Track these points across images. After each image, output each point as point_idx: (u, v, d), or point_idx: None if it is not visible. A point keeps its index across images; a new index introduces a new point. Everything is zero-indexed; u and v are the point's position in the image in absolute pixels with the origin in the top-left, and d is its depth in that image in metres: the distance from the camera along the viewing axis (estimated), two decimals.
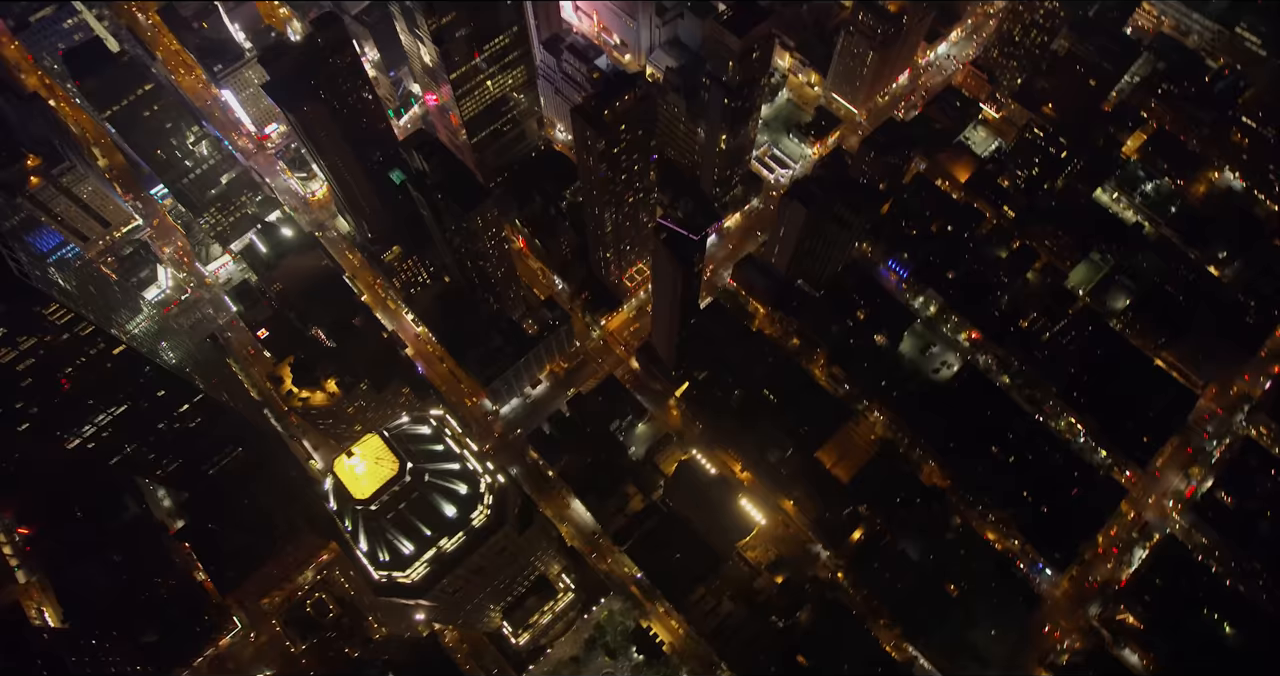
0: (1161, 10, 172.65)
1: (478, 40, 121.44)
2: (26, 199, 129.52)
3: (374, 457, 70.60)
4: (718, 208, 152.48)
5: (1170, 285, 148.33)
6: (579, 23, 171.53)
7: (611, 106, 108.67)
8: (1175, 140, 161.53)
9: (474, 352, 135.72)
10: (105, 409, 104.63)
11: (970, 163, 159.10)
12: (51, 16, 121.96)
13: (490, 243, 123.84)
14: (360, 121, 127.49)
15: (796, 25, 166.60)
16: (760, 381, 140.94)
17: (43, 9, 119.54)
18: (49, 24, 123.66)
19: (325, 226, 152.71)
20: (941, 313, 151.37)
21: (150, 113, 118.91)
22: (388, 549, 75.65)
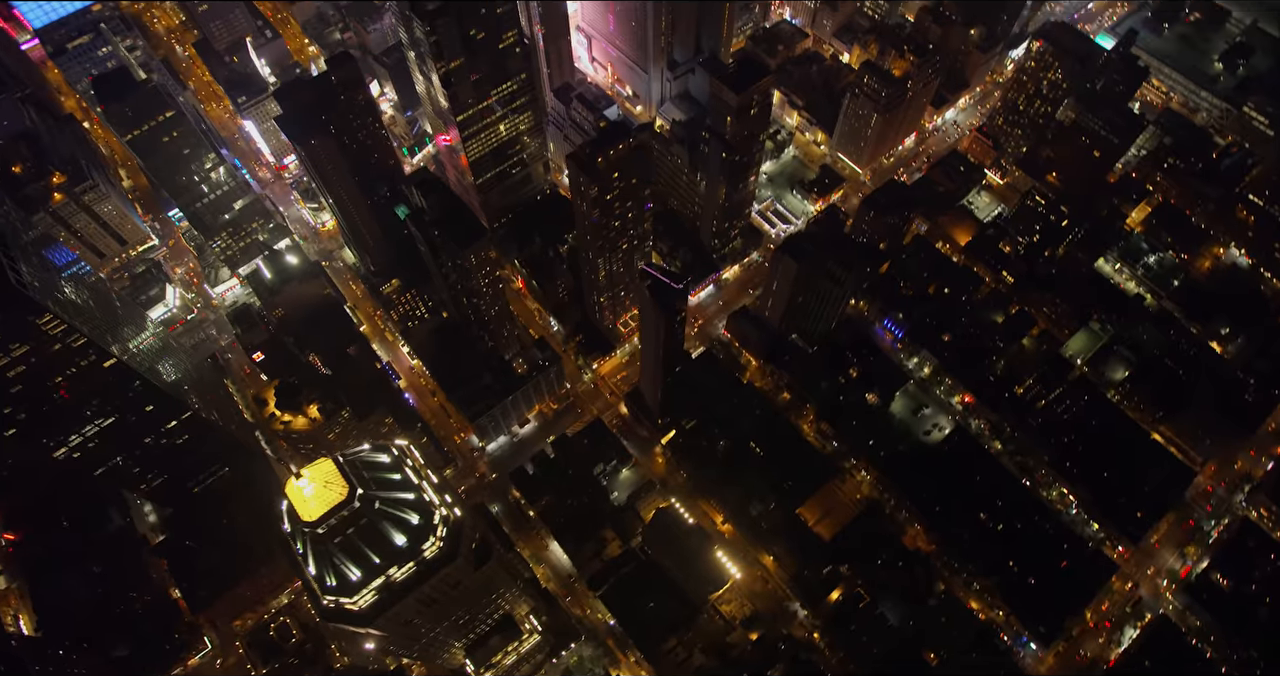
0: (1170, 87, 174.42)
1: (485, 85, 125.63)
2: (48, 213, 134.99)
3: (323, 480, 71.65)
4: (716, 259, 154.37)
5: (1170, 359, 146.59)
6: (595, 73, 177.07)
7: (605, 154, 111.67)
8: (1180, 214, 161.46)
9: (463, 388, 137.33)
10: (93, 420, 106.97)
11: (971, 226, 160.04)
12: (88, 44, 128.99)
13: (484, 281, 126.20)
14: (369, 157, 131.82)
15: (806, 85, 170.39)
16: (747, 433, 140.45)
17: (80, 37, 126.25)
18: (85, 51, 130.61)
19: (332, 256, 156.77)
20: (935, 374, 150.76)
21: (169, 138, 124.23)
22: (335, 574, 76.07)
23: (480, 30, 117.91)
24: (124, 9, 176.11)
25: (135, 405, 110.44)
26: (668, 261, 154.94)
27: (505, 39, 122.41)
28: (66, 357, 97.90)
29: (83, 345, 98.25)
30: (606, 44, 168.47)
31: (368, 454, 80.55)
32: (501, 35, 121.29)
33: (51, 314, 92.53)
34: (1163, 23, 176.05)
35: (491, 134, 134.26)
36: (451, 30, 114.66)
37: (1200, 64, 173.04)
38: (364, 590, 77.92)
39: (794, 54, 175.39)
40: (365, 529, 75.41)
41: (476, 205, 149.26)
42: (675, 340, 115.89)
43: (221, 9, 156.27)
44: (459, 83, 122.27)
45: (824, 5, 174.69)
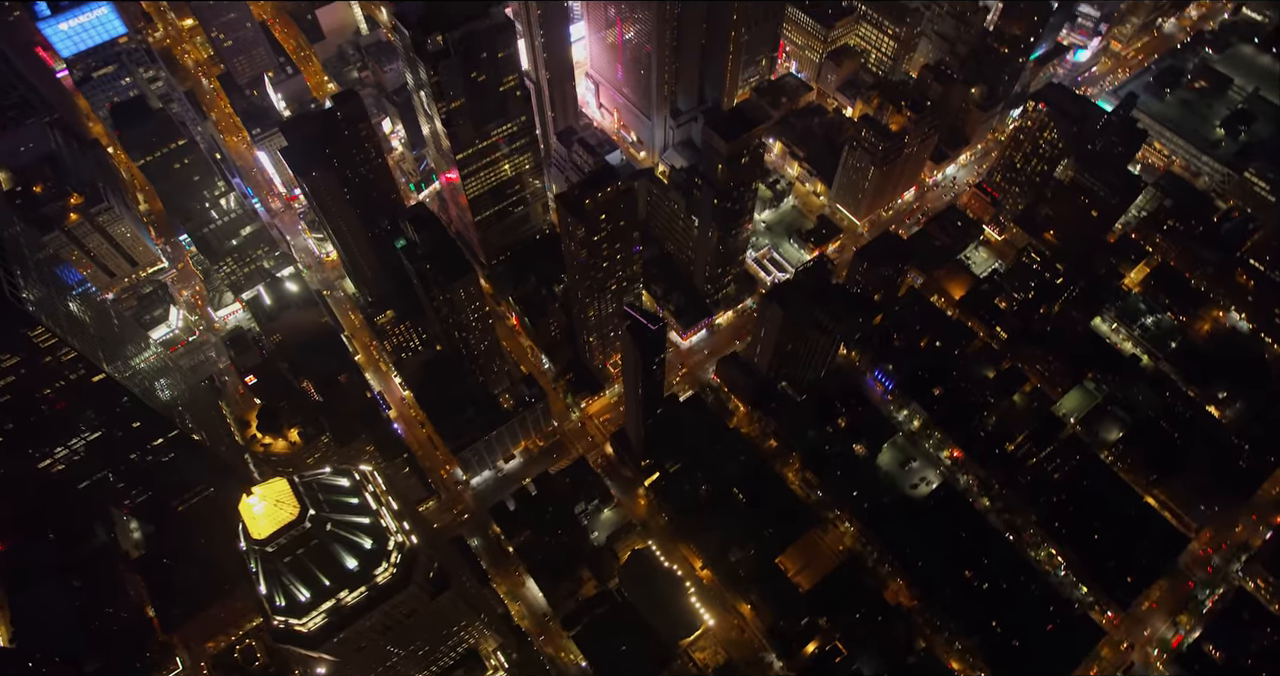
0: (1172, 150, 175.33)
1: (485, 126, 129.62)
2: (63, 232, 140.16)
3: (274, 499, 72.80)
4: (709, 304, 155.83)
5: (1165, 421, 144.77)
6: (602, 119, 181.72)
7: (593, 196, 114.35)
8: (1179, 276, 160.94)
9: (449, 421, 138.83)
10: (80, 433, 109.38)
11: (967, 281, 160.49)
12: (112, 74, 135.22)
13: (473, 315, 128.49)
14: (371, 191, 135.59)
15: (808, 137, 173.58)
16: (731, 479, 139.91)
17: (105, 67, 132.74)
18: (109, 80, 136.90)
19: (334, 286, 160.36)
20: (925, 428, 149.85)
21: (180, 165, 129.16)
22: (284, 594, 76.63)
23: (481, 73, 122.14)
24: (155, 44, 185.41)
25: (123, 421, 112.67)
26: (661, 304, 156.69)
27: (506, 82, 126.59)
28: (56, 371, 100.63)
29: (73, 359, 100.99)
30: (614, 91, 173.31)
31: (326, 477, 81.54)
32: (502, 78, 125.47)
33: (44, 327, 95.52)
34: (1165, 88, 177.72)
35: (490, 173, 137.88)
36: (453, 72, 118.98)
37: (1202, 129, 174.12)
38: (313, 612, 78.23)
39: (797, 106, 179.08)
40: (316, 550, 76.07)
41: (476, 242, 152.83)
42: (654, 381, 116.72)
43: (245, 45, 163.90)
44: (459, 123, 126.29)
45: (828, 60, 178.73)
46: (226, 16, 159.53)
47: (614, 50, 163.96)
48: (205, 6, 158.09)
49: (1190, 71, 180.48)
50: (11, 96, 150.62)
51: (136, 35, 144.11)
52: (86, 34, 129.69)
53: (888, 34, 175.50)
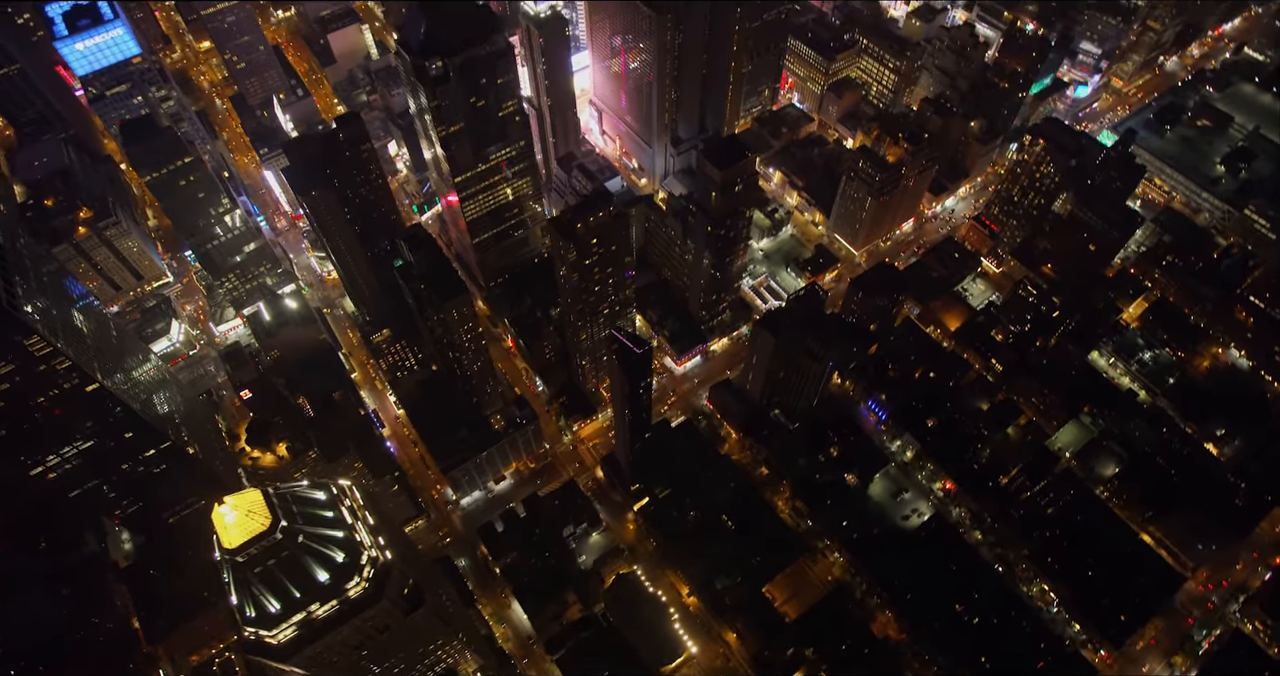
0: (1173, 187, 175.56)
1: (484, 150, 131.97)
2: (71, 245, 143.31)
3: (246, 509, 73.63)
4: (704, 330, 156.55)
5: (1162, 457, 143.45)
6: (604, 145, 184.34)
7: (585, 220, 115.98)
8: (1178, 312, 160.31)
9: (440, 440, 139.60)
10: (72, 441, 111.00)
11: (963, 312, 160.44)
12: (125, 92, 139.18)
13: (466, 336, 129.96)
14: (372, 211, 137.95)
15: (808, 167, 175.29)
16: (720, 506, 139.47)
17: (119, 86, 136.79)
18: (122, 98, 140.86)
19: (334, 304, 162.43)
20: (918, 459, 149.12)
21: (186, 182, 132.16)
22: (254, 604, 77.10)
23: (481, 98, 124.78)
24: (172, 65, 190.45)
25: (115, 431, 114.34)
26: (656, 330, 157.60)
27: (505, 107, 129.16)
28: (49, 379, 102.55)
29: (67, 368, 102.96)
30: (616, 118, 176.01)
31: (303, 489, 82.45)
32: (502, 103, 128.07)
33: (39, 336, 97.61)
34: (1165, 125, 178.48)
35: (489, 196, 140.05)
36: (452, 97, 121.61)
37: (1202, 166, 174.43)
38: (283, 624, 78.62)
39: (798, 136, 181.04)
40: (286, 561, 76.67)
41: (474, 264, 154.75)
42: (640, 404, 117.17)
43: (258, 67, 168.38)
44: (458, 146, 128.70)
45: (830, 92, 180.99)
46: (241, 39, 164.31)
47: (617, 79, 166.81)
48: (221, 30, 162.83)
49: (1191, 109, 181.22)
50: (29, 112, 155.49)
51: (151, 56, 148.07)
52: (101, 54, 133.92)
53: (888, 67, 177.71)
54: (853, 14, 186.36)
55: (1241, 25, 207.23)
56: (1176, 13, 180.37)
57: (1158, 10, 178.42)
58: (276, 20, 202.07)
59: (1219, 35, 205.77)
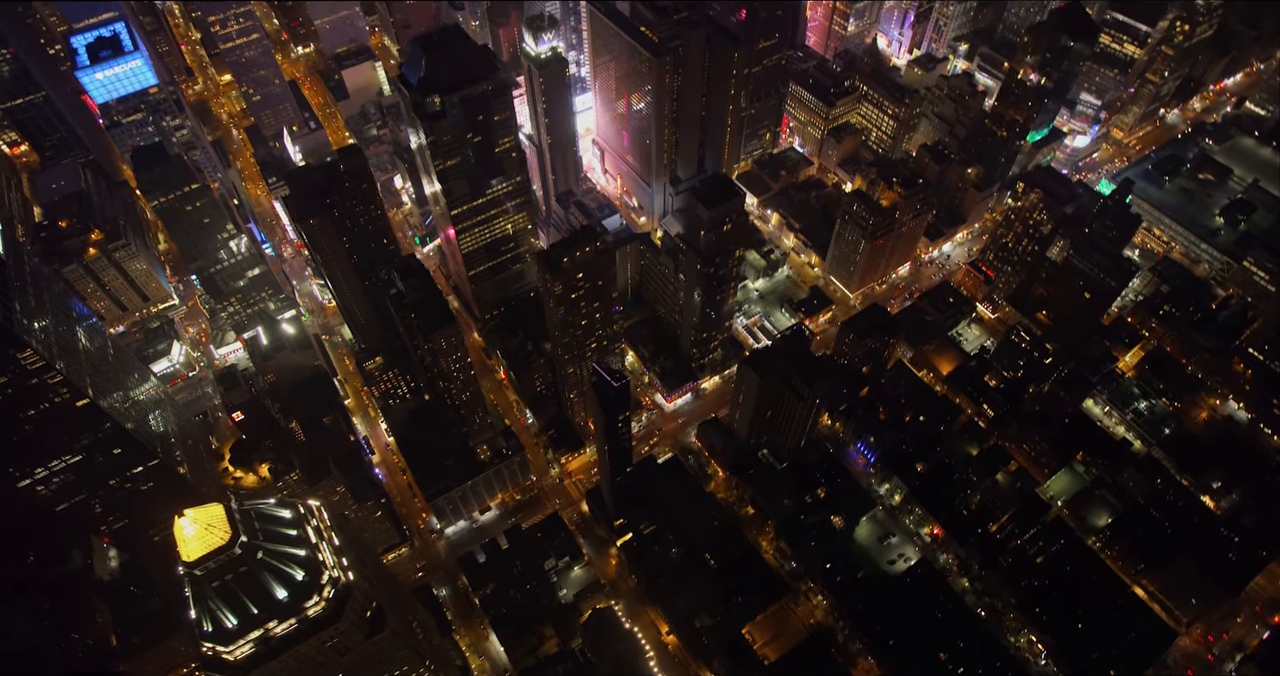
0: (1172, 237, 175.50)
1: (480, 184, 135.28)
2: (81, 266, 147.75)
3: (206, 523, 74.78)
4: (695, 368, 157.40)
5: (1156, 509, 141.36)
6: (605, 184, 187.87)
7: (571, 254, 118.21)
8: (1175, 362, 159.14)
9: (426, 469, 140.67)
10: (60, 455, 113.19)
11: (956, 357, 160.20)
12: (140, 120, 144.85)
13: (455, 365, 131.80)
14: (370, 241, 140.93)
15: (806, 210, 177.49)
16: (703, 544, 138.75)
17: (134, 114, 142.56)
18: (138, 126, 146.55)
19: (333, 331, 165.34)
20: (906, 503, 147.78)
21: (192, 207, 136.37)
22: (211, 619, 77.80)
23: (478, 134, 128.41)
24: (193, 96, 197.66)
25: (104, 446, 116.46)
26: (648, 366, 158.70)
27: (502, 144, 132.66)
28: (41, 392, 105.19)
29: (58, 382, 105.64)
30: (618, 158, 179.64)
31: (269, 507, 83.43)
32: (498, 140, 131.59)
33: (32, 350, 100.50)
34: (1164, 175, 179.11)
35: (485, 230, 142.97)
36: (449, 133, 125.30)
37: (1201, 217, 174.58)
38: (240, 640, 78.99)
39: (797, 180, 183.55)
40: (245, 577, 77.36)
41: (470, 296, 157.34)
42: (619, 438, 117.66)
43: (273, 100, 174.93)
44: (454, 180, 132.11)
45: (829, 137, 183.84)
46: (257, 73, 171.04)
47: (620, 119, 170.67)
48: (239, 63, 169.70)
49: (1190, 160, 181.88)
50: (52, 138, 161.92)
51: (168, 86, 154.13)
52: (120, 83, 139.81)
53: (888, 114, 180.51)
54: (853, 61, 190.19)
55: (1244, 80, 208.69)
56: (1175, 67, 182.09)
57: (1156, 64, 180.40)
58: (296, 56, 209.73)
59: (1221, 89, 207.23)
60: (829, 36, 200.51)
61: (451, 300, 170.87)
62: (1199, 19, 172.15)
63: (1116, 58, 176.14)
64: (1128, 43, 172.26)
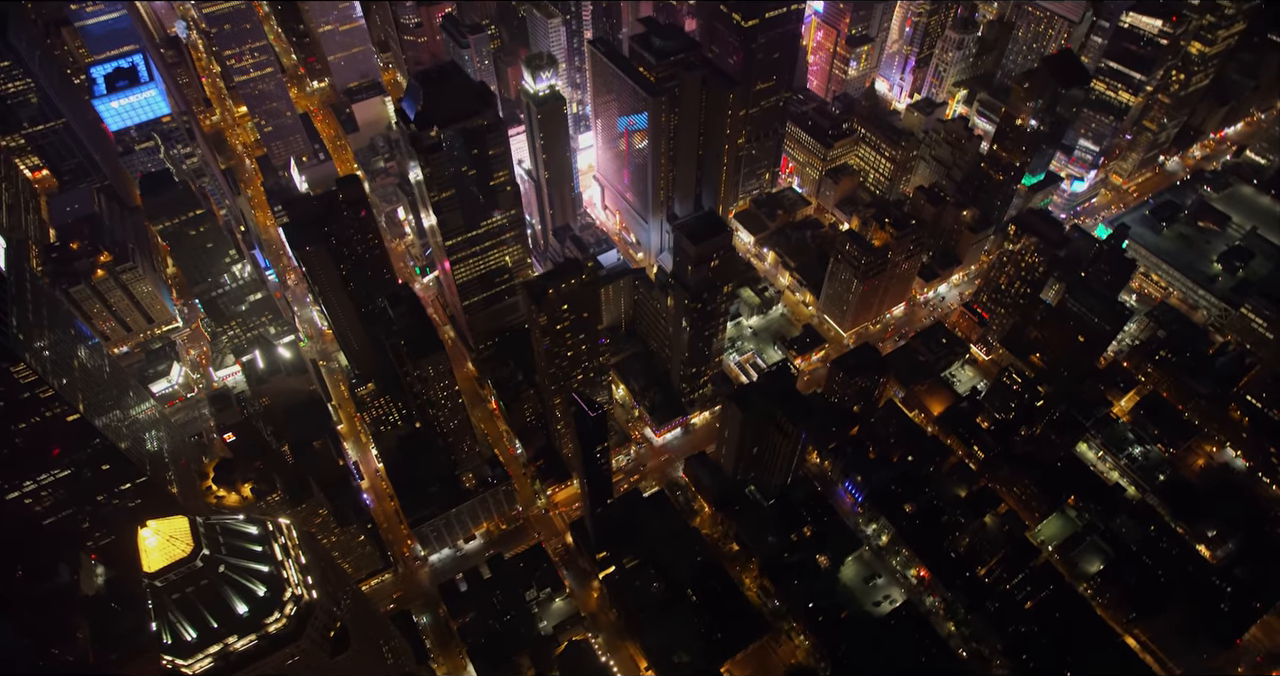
0: (1170, 283, 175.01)
1: (475, 217, 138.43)
2: (89, 286, 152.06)
3: (169, 535, 76.19)
4: (685, 403, 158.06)
5: (1149, 556, 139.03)
6: (605, 219, 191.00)
7: (556, 286, 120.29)
8: (1171, 408, 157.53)
9: (412, 495, 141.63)
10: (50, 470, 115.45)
11: (948, 398, 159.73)
12: (152, 147, 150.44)
13: (442, 393, 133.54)
14: (367, 269, 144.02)
15: (801, 249, 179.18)
16: (685, 579, 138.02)
17: (146, 141, 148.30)
18: (150, 153, 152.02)
19: (330, 357, 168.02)
20: (893, 543, 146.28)
21: (196, 232, 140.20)
22: (170, 632, 78.87)
23: (472, 168, 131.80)
24: (209, 127, 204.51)
25: (93, 462, 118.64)
26: (638, 400, 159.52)
27: (497, 178, 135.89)
28: (32, 407, 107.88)
29: (50, 397, 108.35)
30: (618, 194, 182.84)
31: (236, 522, 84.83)
32: (493, 174, 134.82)
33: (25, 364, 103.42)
34: (1161, 221, 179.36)
35: (479, 262, 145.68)
36: (445, 165, 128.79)
37: (1199, 263, 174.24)
38: (200, 654, 79.84)
39: (794, 219, 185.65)
40: (205, 590, 78.49)
41: (464, 326, 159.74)
42: (597, 468, 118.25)
43: (284, 131, 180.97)
44: (449, 211, 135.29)
45: (827, 178, 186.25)
46: (270, 105, 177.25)
47: (621, 156, 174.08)
48: (253, 96, 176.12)
49: (1188, 207, 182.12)
50: (70, 163, 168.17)
51: (183, 116, 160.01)
52: (134, 112, 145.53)
53: (884, 156, 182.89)
54: (851, 104, 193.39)
55: (1244, 130, 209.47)
56: (1172, 115, 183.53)
57: (1153, 112, 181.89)
58: (311, 90, 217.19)
59: (1221, 138, 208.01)
60: (829, 80, 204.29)
61: (448, 330, 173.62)
62: (1194, 69, 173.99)
63: (1112, 105, 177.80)
64: (1122, 90, 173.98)
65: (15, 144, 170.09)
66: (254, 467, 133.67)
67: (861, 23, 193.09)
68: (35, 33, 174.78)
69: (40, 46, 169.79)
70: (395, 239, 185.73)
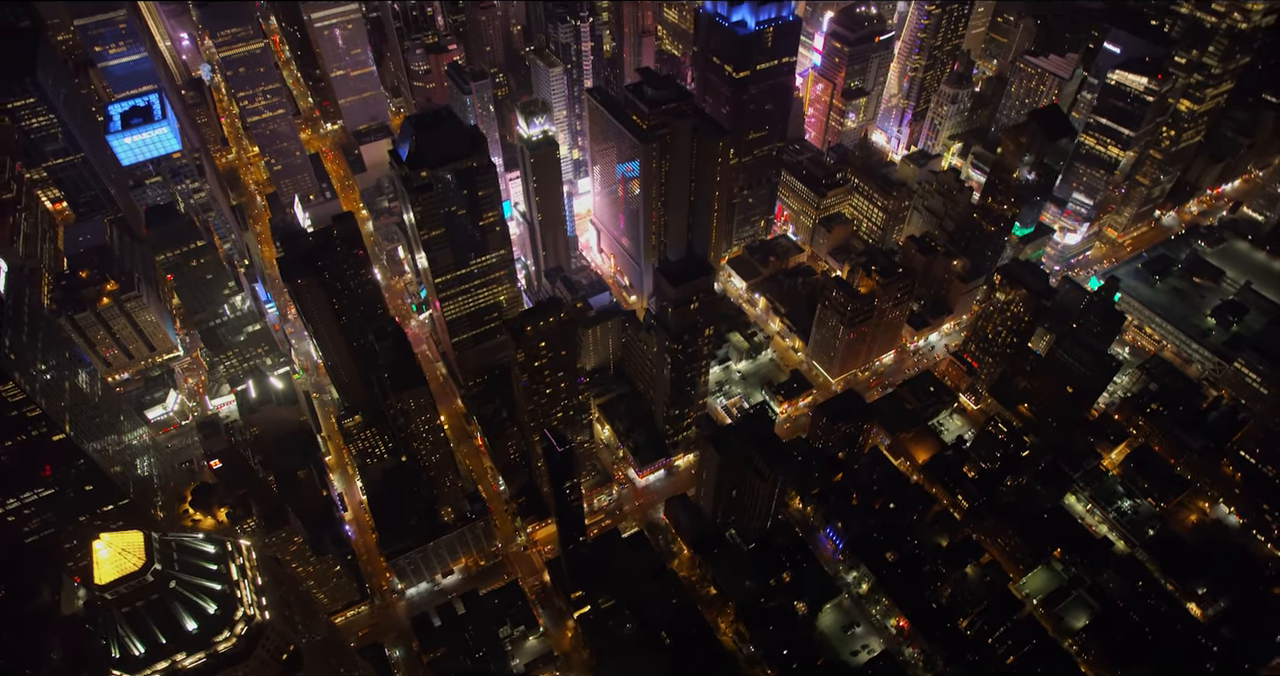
0: (1163, 336, 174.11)
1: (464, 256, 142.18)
2: (94, 313, 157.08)
3: (121, 548, 77.85)
4: (669, 445, 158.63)
5: (1136, 612, 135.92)
6: (601, 262, 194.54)
7: (535, 323, 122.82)
8: (1163, 462, 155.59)
9: (391, 528, 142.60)
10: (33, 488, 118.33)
11: (933, 446, 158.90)
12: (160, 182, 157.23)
13: (424, 427, 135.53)
14: (359, 305, 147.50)
15: (793, 295, 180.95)
16: (660, 621, 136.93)
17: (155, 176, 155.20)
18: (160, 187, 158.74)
19: (324, 389, 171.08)
20: (873, 592, 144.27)
21: (196, 263, 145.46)
22: (119, 645, 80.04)
23: (461, 208, 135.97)
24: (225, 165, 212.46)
25: (76, 482, 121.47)
26: (622, 441, 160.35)
27: (486, 218, 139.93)
28: (19, 425, 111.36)
29: (37, 417, 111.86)
30: (613, 238, 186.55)
31: (193, 540, 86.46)
32: (482, 214, 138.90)
33: (14, 383, 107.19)
34: (1154, 275, 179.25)
35: (468, 300, 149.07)
36: (435, 205, 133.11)
37: (1192, 317, 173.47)
38: (147, 670, 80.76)
39: (786, 266, 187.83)
40: (155, 606, 79.62)
41: (454, 362, 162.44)
42: (566, 503, 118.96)
43: (293, 170, 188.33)
44: (439, 250, 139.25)
45: (820, 226, 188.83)
46: (280, 145, 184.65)
47: (617, 202, 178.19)
48: (264, 135, 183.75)
49: (1182, 261, 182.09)
50: (86, 196, 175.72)
51: (194, 153, 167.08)
52: (146, 148, 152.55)
53: (877, 206, 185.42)
54: (845, 155, 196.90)
55: (1242, 187, 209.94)
56: (1165, 170, 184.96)
57: (1145, 167, 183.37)
58: (325, 132, 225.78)
59: (1219, 194, 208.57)
60: (826, 131, 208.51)
61: (439, 367, 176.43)
62: (1184, 126, 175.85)
63: (1102, 159, 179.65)
64: (1111, 145, 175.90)
65: (38, 176, 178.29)
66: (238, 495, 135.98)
67: (857, 76, 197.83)
68: (63, 72, 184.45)
69: (67, 85, 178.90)
70: (396, 277, 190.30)
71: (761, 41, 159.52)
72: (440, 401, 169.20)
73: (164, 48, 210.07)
